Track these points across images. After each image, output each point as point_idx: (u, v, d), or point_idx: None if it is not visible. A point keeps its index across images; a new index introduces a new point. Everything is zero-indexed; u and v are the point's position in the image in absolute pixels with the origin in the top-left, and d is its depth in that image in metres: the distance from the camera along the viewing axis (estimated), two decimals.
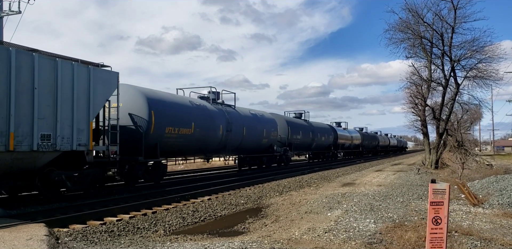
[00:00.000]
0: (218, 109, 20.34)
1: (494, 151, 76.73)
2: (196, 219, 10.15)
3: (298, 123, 32.90)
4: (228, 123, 20.37)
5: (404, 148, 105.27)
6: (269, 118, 26.59)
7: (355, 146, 50.06)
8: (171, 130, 16.05)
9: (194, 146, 18.07)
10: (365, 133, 58.49)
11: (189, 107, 17.82)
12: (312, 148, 35.72)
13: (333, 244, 6.97)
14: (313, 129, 35.02)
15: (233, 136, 20.84)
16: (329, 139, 39.35)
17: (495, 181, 13.88)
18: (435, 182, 4.51)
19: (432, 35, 25.25)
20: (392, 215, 9.50)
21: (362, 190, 14.66)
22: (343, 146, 45.16)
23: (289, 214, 10.36)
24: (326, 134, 38.39)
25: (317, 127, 36.68)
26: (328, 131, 40.03)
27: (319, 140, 36.14)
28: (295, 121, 32.52)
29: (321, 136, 36.67)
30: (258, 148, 24.68)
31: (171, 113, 16.28)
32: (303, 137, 32.22)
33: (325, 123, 42.26)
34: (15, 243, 6.07)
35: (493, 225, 8.52)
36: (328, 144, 39.47)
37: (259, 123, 24.40)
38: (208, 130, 18.56)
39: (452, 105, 26.80)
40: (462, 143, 27.08)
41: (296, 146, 31.42)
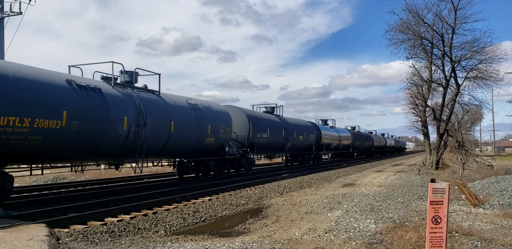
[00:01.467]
0: (125, 95, 14.05)
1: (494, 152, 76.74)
2: (197, 219, 10.16)
3: (265, 119, 26.34)
4: (140, 114, 14.15)
5: (403, 148, 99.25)
6: (218, 111, 19.87)
7: (344, 146, 44.33)
8: (13, 122, 9.95)
9: (68, 146, 11.79)
10: (357, 132, 52.85)
11: (62, 88, 11.57)
12: (287, 148, 29.44)
13: (333, 245, 6.97)
14: (287, 126, 28.86)
15: (151, 133, 14.54)
16: (310, 139, 33.11)
17: (495, 181, 13.87)
18: (434, 181, 4.52)
19: (432, 36, 25.28)
20: (393, 216, 9.51)
21: (362, 190, 14.67)
22: (329, 146, 39.31)
23: (289, 214, 10.36)
24: (305, 133, 31.94)
25: (293, 124, 30.40)
26: (309, 129, 33.58)
27: (295, 140, 29.99)
28: (260, 117, 25.93)
29: (299, 134, 30.48)
30: (200, 149, 18.34)
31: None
32: (272, 135, 25.91)
33: (305, 121, 35.52)
34: (16, 243, 6.08)
35: (493, 226, 8.52)
36: (308, 144, 33.16)
37: (201, 117, 17.96)
38: (98, 123, 12.40)
39: (452, 106, 26.80)
40: (463, 144, 27.08)
41: (262, 147, 25.09)
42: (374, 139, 61.64)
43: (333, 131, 41.31)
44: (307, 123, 34.70)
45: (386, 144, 71.75)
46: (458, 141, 26.91)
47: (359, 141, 50.45)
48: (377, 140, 63.80)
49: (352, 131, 50.51)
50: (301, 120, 34.43)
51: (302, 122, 33.89)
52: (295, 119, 32.97)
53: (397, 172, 24.36)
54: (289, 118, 31.59)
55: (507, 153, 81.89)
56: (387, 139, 75.24)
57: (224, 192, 14.76)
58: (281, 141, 27.89)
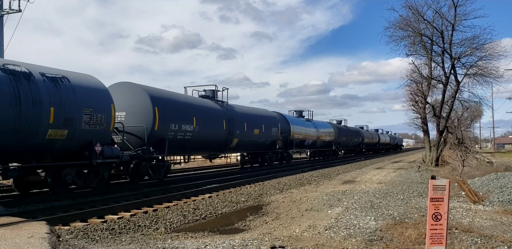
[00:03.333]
0: None
1: (494, 148, 76.83)
2: (197, 217, 10.17)
3: (189, 105, 18.12)
4: None
5: (399, 145, 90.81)
6: (81, 86, 12.22)
7: (325, 143, 37.57)
8: None
9: None
10: (343, 126, 46.08)
11: None
12: (233, 146, 21.61)
13: (333, 241, 6.98)
14: (232, 116, 20.99)
15: None
16: (272, 133, 25.66)
17: (495, 178, 13.90)
18: (435, 178, 4.52)
19: (432, 33, 25.27)
20: (393, 213, 9.53)
21: (362, 187, 14.69)
22: (303, 143, 32.23)
23: (289, 211, 10.37)
24: (264, 126, 24.43)
25: (243, 114, 22.63)
26: (271, 121, 26.06)
27: (247, 135, 22.44)
28: (177, 100, 17.52)
29: (253, 128, 22.97)
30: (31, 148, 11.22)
31: None
32: (203, 128, 18.14)
33: (268, 110, 27.82)
34: (16, 241, 6.08)
35: (493, 222, 8.53)
36: (270, 141, 25.63)
37: None
38: None
39: (452, 102, 26.83)
40: (463, 140, 27.13)
41: (184, 144, 17.26)
42: (365, 135, 54.54)
43: (309, 124, 33.98)
44: (269, 114, 27.01)
45: (380, 140, 64.67)
46: (457, 138, 26.97)
47: (345, 136, 43.85)
48: (368, 136, 56.70)
49: (337, 125, 44.37)
50: (259, 110, 26.46)
51: (260, 112, 25.86)
52: (250, 108, 25.18)
53: (397, 169, 24.40)
54: (240, 106, 23.90)
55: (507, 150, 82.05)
56: (381, 135, 68.68)
57: (224, 189, 14.78)
58: (222, 136, 20.06)
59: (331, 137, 38.53)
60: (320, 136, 35.21)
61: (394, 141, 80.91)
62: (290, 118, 30.57)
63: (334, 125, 42.58)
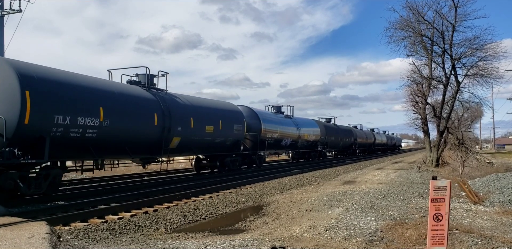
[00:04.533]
0: None
1: (494, 149, 76.85)
2: (197, 217, 10.17)
3: (96, 90, 13.00)
4: None
5: (398, 146, 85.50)
6: None
7: (309, 143, 33.07)
8: None
9: None
10: (332, 125, 41.77)
11: None
12: (174, 147, 16.39)
13: (334, 242, 6.98)
14: (170, 108, 15.85)
15: None
16: (234, 131, 20.50)
17: (495, 179, 13.89)
18: (436, 179, 4.52)
19: (432, 33, 25.29)
20: (393, 213, 9.52)
21: (362, 188, 14.69)
22: (279, 143, 27.41)
23: (290, 212, 10.37)
24: (222, 122, 19.35)
25: (190, 107, 17.61)
26: (234, 116, 21.02)
27: (196, 133, 17.37)
28: (72, 83, 12.30)
29: (205, 124, 18.04)
30: None
31: None
32: (118, 123, 13.26)
33: (234, 104, 22.86)
34: (17, 241, 6.08)
35: (493, 223, 8.53)
36: (232, 141, 20.52)
37: None
38: None
39: (452, 103, 26.83)
40: (463, 141, 27.12)
41: (80, 144, 12.30)
42: (358, 134, 49.89)
43: (288, 122, 29.43)
44: (231, 107, 21.71)
45: (375, 140, 59.98)
46: (458, 139, 26.96)
47: (333, 136, 39.60)
48: (362, 136, 52.20)
49: (325, 123, 39.93)
50: (217, 102, 21.42)
51: (217, 104, 20.73)
52: (202, 100, 19.93)
53: (397, 170, 24.39)
54: (186, 96, 18.47)
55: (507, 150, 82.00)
56: (377, 135, 63.82)
57: (224, 189, 14.78)
58: (153, 133, 14.95)
59: (316, 136, 34.13)
60: (301, 135, 30.75)
61: (392, 141, 76.60)
62: (261, 114, 25.68)
63: (321, 122, 38.19)
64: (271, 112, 29.55)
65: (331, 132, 38.68)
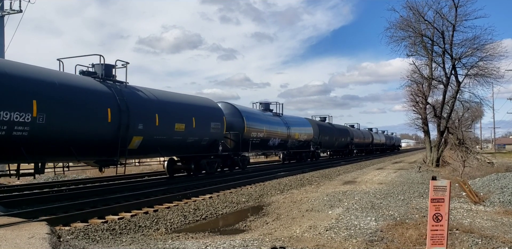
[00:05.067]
0: None
1: (495, 149, 76.82)
2: (198, 217, 10.17)
3: (30, 80, 10.94)
4: None
5: (397, 146, 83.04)
6: None
7: (300, 143, 30.94)
8: None
9: None
10: (327, 124, 39.87)
11: None
12: (134, 148, 14.37)
13: (334, 242, 6.98)
14: (128, 102, 13.89)
15: None
16: (212, 130, 18.44)
17: (496, 178, 13.88)
18: (436, 179, 4.52)
19: (433, 33, 25.30)
20: (393, 213, 9.52)
21: (363, 188, 14.68)
22: (266, 143, 25.16)
23: (290, 212, 10.37)
24: (196, 119, 17.28)
25: (155, 101, 15.47)
26: (211, 113, 18.88)
27: (161, 131, 15.31)
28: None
29: (174, 121, 15.94)
30: None
31: None
32: (56, 118, 11.33)
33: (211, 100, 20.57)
34: (17, 241, 6.07)
35: (494, 223, 8.52)
36: (209, 140, 18.33)
37: None
38: None
39: (453, 103, 26.82)
40: (463, 141, 27.09)
41: (19, 144, 10.54)
42: (355, 134, 47.52)
43: (277, 120, 27.31)
44: (207, 103, 19.38)
45: (373, 140, 57.69)
46: (458, 138, 26.94)
47: (328, 135, 37.48)
48: (359, 136, 49.93)
49: (318, 122, 37.84)
50: (189, 97, 18.98)
51: (190, 100, 18.37)
52: (170, 94, 17.38)
53: (397, 170, 24.39)
54: (152, 90, 16.09)
55: (508, 150, 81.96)
56: (375, 134, 61.33)
57: (224, 189, 14.77)
58: (106, 132, 13.06)
59: (309, 135, 31.93)
60: (292, 135, 28.55)
61: (391, 141, 73.89)
62: (245, 111, 23.08)
63: (314, 121, 35.94)
64: (259, 110, 27.37)
65: (325, 131, 36.79)
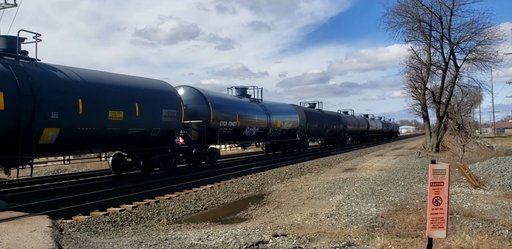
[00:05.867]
0: None
1: (494, 133, 76.84)
2: (199, 207, 10.20)
3: None
4: None
5: (395, 133, 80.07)
6: None
7: (284, 132, 27.83)
8: None
9: None
10: (316, 110, 36.39)
11: None
12: (51, 143, 11.38)
13: (335, 229, 7.00)
14: (37, 84, 10.79)
15: None
16: (165, 119, 15.28)
17: (496, 162, 13.91)
18: (435, 163, 4.51)
19: (430, 18, 25.12)
20: (394, 199, 9.54)
21: (363, 174, 14.71)
22: (241, 133, 22.17)
23: (291, 200, 10.40)
24: (141, 106, 14.11)
25: (80, 83, 12.19)
26: (162, 98, 15.62)
27: (88, 121, 12.15)
28: None
29: (107, 108, 12.79)
30: None
31: None
32: None
33: (165, 83, 17.08)
34: (19, 235, 6.09)
35: (494, 206, 8.55)
36: (161, 131, 15.19)
37: None
38: None
39: (452, 88, 26.77)
40: (463, 126, 27.10)
41: None
42: (348, 121, 44.34)
43: (255, 107, 24.11)
44: (158, 86, 16.02)
45: (369, 127, 54.73)
46: (458, 123, 26.94)
47: (317, 123, 34.19)
48: (353, 123, 46.81)
49: (305, 108, 34.53)
50: (132, 79, 15.20)
51: (132, 82, 14.80)
52: (108, 76, 14.05)
53: (397, 156, 24.43)
54: (80, 69, 12.95)
55: (507, 134, 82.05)
56: (371, 121, 58.45)
57: (225, 179, 14.81)
58: None
59: (294, 123, 29.03)
60: (273, 123, 25.45)
61: (388, 128, 70.82)
62: (211, 96, 19.75)
63: (300, 108, 32.98)
64: (235, 95, 24.19)
65: (314, 119, 33.65)
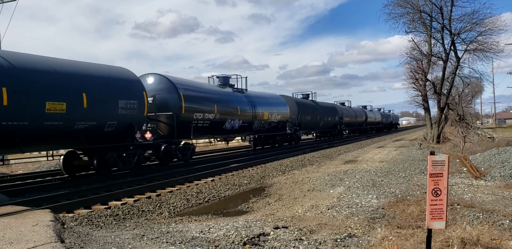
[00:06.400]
0: None
1: (495, 124, 76.81)
2: (200, 200, 10.23)
3: None
4: None
5: (394, 124, 77.87)
6: None
7: (273, 126, 25.80)
8: None
9: None
10: (309, 101, 34.64)
11: None
12: None
13: (336, 220, 7.02)
14: None
15: None
16: (121, 111, 13.17)
17: (496, 153, 13.90)
18: (434, 154, 4.51)
19: (431, 9, 24.93)
20: (394, 190, 9.55)
21: (364, 166, 14.73)
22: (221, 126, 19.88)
23: (292, 192, 10.42)
24: (90, 96, 11.94)
25: (17, 69, 10.21)
26: (124, 87, 13.64)
27: (14, 112, 9.92)
28: None
29: (46, 99, 10.76)
30: None
31: None
32: None
33: (128, 70, 14.71)
34: (21, 229, 6.11)
35: (495, 197, 8.56)
36: (119, 125, 13.17)
37: None
38: None
39: (452, 79, 26.66)
40: (464, 117, 27.06)
41: None
42: (344, 113, 42.19)
43: (238, 97, 21.91)
44: (115, 74, 13.86)
45: (367, 119, 52.42)
46: (459, 114, 26.89)
47: (310, 115, 32.05)
48: (349, 114, 44.48)
49: (297, 99, 32.41)
50: (82, 65, 13.00)
51: (81, 68, 12.65)
52: (47, 60, 11.70)
53: (398, 147, 24.44)
54: (8, 52, 10.84)
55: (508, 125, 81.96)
56: (369, 112, 55.83)
57: (226, 172, 14.84)
58: None
59: (284, 115, 26.88)
60: (259, 115, 23.28)
61: (387, 119, 68.28)
62: (183, 85, 17.43)
63: (291, 99, 30.68)
64: (216, 85, 21.73)
65: (306, 110, 31.60)
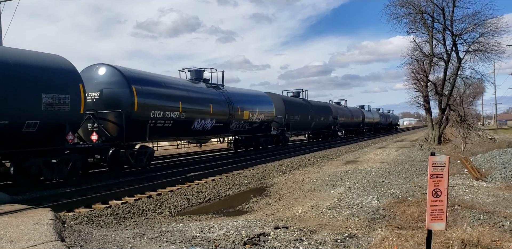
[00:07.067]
0: None
1: (497, 125, 76.68)
2: (201, 200, 10.24)
3: None
4: None
5: (394, 125, 74.77)
6: None
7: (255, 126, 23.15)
8: None
9: None
10: (300, 100, 32.22)
11: None
12: None
13: (336, 221, 7.01)
14: None
15: None
16: (48, 108, 10.68)
17: (498, 154, 13.89)
18: (434, 155, 4.51)
19: (433, 10, 24.92)
20: (395, 191, 9.54)
21: (365, 167, 14.71)
22: (189, 126, 17.12)
23: (292, 192, 10.42)
24: (7, 89, 9.79)
25: None
26: (51, 78, 11.01)
27: None
28: None
29: None
30: None
31: None
32: None
33: (61, 57, 12.08)
34: (22, 227, 6.12)
35: (495, 198, 8.55)
36: (42, 126, 10.67)
37: None
38: None
39: (454, 80, 26.62)
40: (465, 118, 27.02)
41: None
42: (339, 112, 39.56)
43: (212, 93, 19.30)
44: (38, 61, 11.07)
45: (365, 119, 49.56)
46: (460, 115, 26.86)
47: (299, 115, 29.60)
48: (345, 114, 41.86)
49: (286, 97, 30.15)
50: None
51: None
52: None
53: (399, 148, 24.42)
54: None
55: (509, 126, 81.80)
56: (367, 112, 53.08)
57: (227, 172, 14.84)
58: None
59: (268, 115, 24.27)
60: (237, 114, 20.63)
61: (387, 120, 65.26)
62: (137, 78, 14.63)
63: (278, 96, 28.05)
64: (187, 79, 19.10)
65: (295, 109, 29.21)
